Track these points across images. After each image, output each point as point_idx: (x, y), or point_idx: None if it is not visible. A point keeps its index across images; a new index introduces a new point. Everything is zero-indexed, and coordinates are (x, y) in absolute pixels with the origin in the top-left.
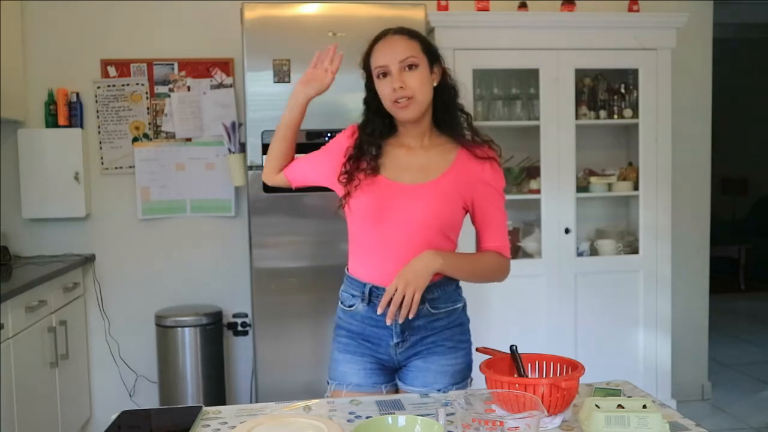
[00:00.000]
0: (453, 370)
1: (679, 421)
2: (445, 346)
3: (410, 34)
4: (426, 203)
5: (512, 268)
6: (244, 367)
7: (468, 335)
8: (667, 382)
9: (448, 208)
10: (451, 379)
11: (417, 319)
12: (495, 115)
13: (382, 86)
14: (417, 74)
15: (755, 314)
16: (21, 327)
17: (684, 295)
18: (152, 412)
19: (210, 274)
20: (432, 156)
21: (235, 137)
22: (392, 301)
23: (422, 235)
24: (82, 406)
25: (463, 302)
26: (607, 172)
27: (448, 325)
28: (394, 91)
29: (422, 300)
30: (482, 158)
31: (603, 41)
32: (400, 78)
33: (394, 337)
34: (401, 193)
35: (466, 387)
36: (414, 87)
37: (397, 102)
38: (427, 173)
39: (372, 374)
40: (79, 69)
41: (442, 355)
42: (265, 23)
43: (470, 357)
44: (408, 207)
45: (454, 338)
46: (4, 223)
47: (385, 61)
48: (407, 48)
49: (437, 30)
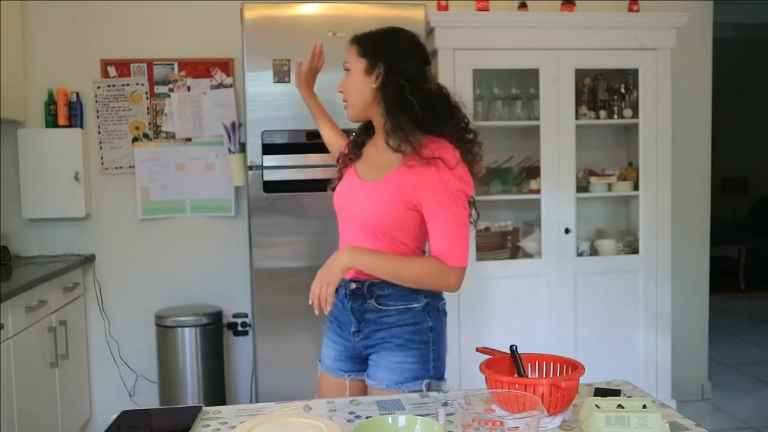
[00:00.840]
0: (402, 368)
1: (679, 421)
2: (394, 343)
3: (354, 39)
4: (369, 202)
5: (512, 268)
6: (244, 367)
7: (426, 336)
8: (667, 382)
9: (388, 210)
10: (399, 376)
11: (368, 312)
12: (495, 115)
13: None
14: (349, 79)
15: (755, 314)
16: (21, 327)
17: (684, 295)
18: (152, 412)
19: (210, 274)
20: (389, 156)
21: (235, 137)
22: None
23: (368, 231)
24: (82, 406)
25: (424, 303)
26: (607, 172)
27: (398, 323)
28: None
29: (370, 295)
30: (427, 159)
31: (603, 41)
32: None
33: (353, 326)
34: (358, 189)
35: (420, 389)
36: (346, 87)
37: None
38: (380, 172)
39: (339, 360)
40: (79, 69)
41: (391, 351)
42: (265, 23)
43: (427, 359)
44: (358, 203)
45: (404, 336)
46: (4, 223)
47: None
48: (346, 54)
49: (437, 30)
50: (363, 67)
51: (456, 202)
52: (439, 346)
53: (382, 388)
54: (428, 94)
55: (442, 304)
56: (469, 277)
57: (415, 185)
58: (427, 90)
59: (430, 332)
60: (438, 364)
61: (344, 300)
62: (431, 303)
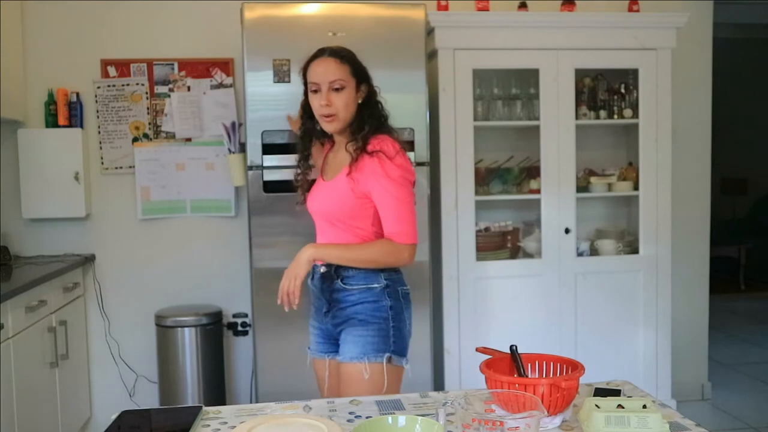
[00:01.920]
0: (364, 341)
1: (679, 421)
2: (357, 318)
3: (342, 57)
4: (327, 198)
5: (512, 268)
6: (244, 367)
7: (385, 313)
8: (667, 382)
9: (343, 201)
10: (362, 349)
11: (335, 292)
12: (495, 115)
13: (313, 99)
14: (343, 95)
15: (755, 314)
16: (21, 327)
17: (684, 295)
18: (152, 412)
19: (210, 274)
20: (342, 156)
21: (235, 137)
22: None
23: (332, 223)
24: (82, 406)
25: (384, 284)
26: (607, 172)
27: (360, 300)
28: (321, 107)
29: (337, 276)
30: (371, 152)
31: (603, 41)
32: (327, 97)
33: (324, 306)
34: (320, 190)
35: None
36: (338, 107)
37: (323, 117)
38: (336, 171)
39: (319, 343)
40: (79, 69)
41: (355, 326)
42: (265, 23)
43: (387, 334)
44: (321, 201)
45: (366, 312)
46: (4, 223)
47: (316, 79)
48: (337, 71)
49: (437, 30)
50: (354, 85)
51: (399, 187)
52: (400, 324)
53: (347, 361)
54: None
55: (404, 289)
56: (469, 277)
57: (362, 176)
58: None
59: (390, 310)
60: (399, 341)
61: (316, 283)
62: (391, 285)
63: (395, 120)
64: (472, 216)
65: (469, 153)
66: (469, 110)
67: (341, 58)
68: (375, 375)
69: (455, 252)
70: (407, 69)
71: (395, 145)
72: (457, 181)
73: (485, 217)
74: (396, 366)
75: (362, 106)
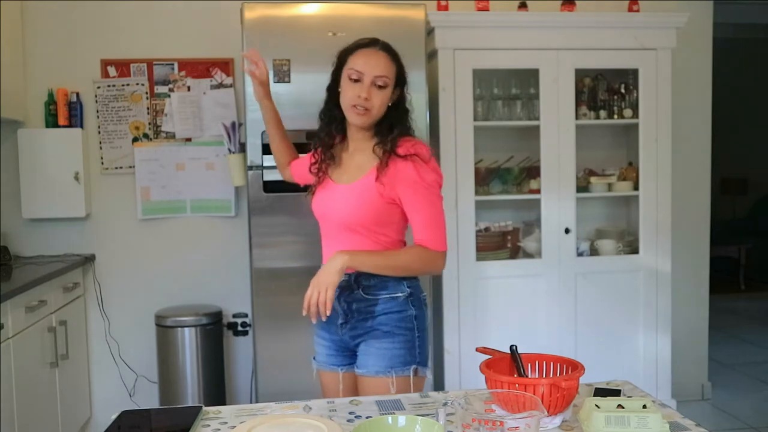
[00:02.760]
0: (390, 354)
1: (679, 421)
2: (381, 330)
3: (393, 55)
4: (351, 202)
5: (512, 268)
6: (244, 367)
7: (411, 323)
8: (667, 382)
9: (370, 206)
10: (388, 362)
11: (355, 302)
12: (495, 115)
13: (349, 88)
14: (382, 94)
15: (755, 314)
16: (21, 327)
17: (684, 295)
18: (152, 412)
19: (210, 274)
20: (364, 157)
21: (235, 137)
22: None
23: (354, 229)
24: (82, 406)
25: (407, 293)
26: (607, 172)
27: (385, 311)
28: (357, 98)
29: (357, 285)
30: (404, 156)
31: (603, 41)
32: (368, 90)
33: (340, 318)
34: (337, 194)
35: (408, 374)
36: (375, 104)
37: (355, 107)
38: (357, 173)
39: (330, 356)
40: (79, 69)
41: (379, 338)
42: (265, 23)
43: (413, 345)
44: (339, 206)
45: (391, 324)
46: (4, 223)
47: (362, 68)
48: (386, 68)
49: (437, 30)
50: (392, 87)
51: (432, 192)
52: (424, 334)
53: (371, 375)
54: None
55: (424, 296)
56: (469, 277)
57: (393, 180)
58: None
59: (414, 320)
60: (422, 351)
61: None
62: (414, 293)
63: None
64: (472, 216)
65: (469, 153)
66: (469, 110)
67: (392, 56)
68: (401, 388)
69: (455, 252)
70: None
71: (428, 149)
72: (457, 181)
73: (485, 217)
74: (420, 377)
75: (390, 109)
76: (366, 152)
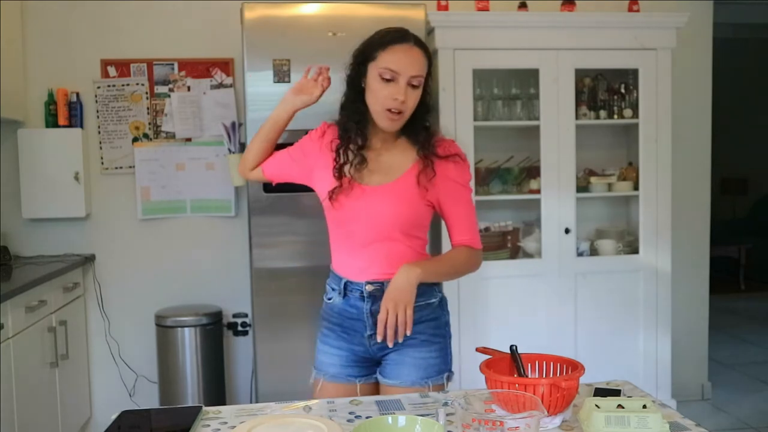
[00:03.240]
0: (426, 364)
1: (679, 421)
2: (418, 339)
3: (426, 50)
4: (390, 204)
5: (512, 268)
6: (244, 367)
7: (444, 330)
8: (667, 382)
9: (411, 207)
10: (424, 372)
11: None
12: (495, 115)
13: (383, 88)
14: (416, 94)
15: (755, 314)
16: (21, 327)
17: (684, 295)
18: (152, 412)
19: (210, 274)
20: (395, 156)
21: (235, 137)
22: (387, 324)
23: (389, 234)
24: (82, 406)
25: (439, 298)
26: (607, 172)
27: (421, 319)
28: (393, 100)
29: None
30: (444, 156)
31: (603, 41)
32: (405, 92)
33: (368, 329)
34: (368, 195)
35: (443, 382)
36: (410, 106)
37: (390, 111)
38: (390, 174)
39: (347, 366)
40: (79, 69)
41: (415, 347)
42: (265, 23)
43: (447, 352)
44: (374, 209)
45: (428, 332)
46: (4, 223)
47: (398, 68)
48: (422, 66)
49: (437, 30)
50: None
51: (469, 192)
52: (451, 340)
53: (406, 385)
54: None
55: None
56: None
57: (435, 181)
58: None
59: (446, 326)
60: (452, 357)
61: (356, 304)
62: (444, 298)
63: None
64: None
65: (469, 153)
66: (469, 110)
67: (425, 52)
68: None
69: None
70: None
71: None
72: None
73: (485, 217)
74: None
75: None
76: (394, 151)
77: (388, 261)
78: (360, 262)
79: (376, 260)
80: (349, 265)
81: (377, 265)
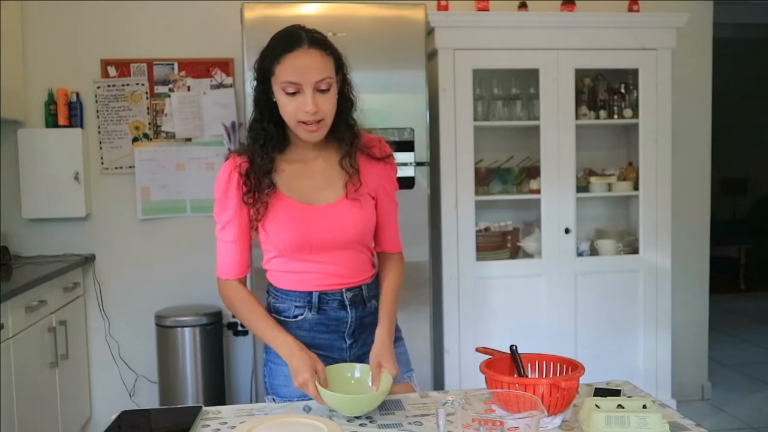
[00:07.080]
0: (404, 359)
1: (679, 421)
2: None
3: (326, 48)
4: (346, 219)
5: (512, 268)
6: (244, 367)
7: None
8: (667, 382)
9: (367, 214)
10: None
11: (367, 316)
12: (495, 115)
13: (289, 103)
14: (330, 96)
15: (755, 314)
16: (21, 327)
17: (684, 295)
18: (152, 412)
19: (210, 274)
20: (333, 166)
21: (235, 137)
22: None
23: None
24: (82, 406)
25: None
26: (607, 172)
27: None
28: (304, 113)
29: (370, 298)
30: (380, 158)
31: (603, 41)
32: (314, 101)
33: (347, 340)
34: (320, 216)
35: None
36: (326, 110)
37: (305, 124)
38: (336, 187)
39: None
40: (79, 69)
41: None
42: (265, 23)
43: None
44: (332, 227)
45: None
46: (4, 223)
47: (297, 78)
48: (324, 67)
49: (437, 30)
50: (336, 81)
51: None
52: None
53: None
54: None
55: None
56: (469, 277)
57: (375, 184)
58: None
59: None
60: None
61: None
62: None
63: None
64: (472, 216)
65: (469, 153)
66: (469, 110)
67: (325, 49)
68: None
69: (455, 252)
70: (407, 69)
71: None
72: (457, 181)
73: (485, 217)
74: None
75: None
76: (331, 159)
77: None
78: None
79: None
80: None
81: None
